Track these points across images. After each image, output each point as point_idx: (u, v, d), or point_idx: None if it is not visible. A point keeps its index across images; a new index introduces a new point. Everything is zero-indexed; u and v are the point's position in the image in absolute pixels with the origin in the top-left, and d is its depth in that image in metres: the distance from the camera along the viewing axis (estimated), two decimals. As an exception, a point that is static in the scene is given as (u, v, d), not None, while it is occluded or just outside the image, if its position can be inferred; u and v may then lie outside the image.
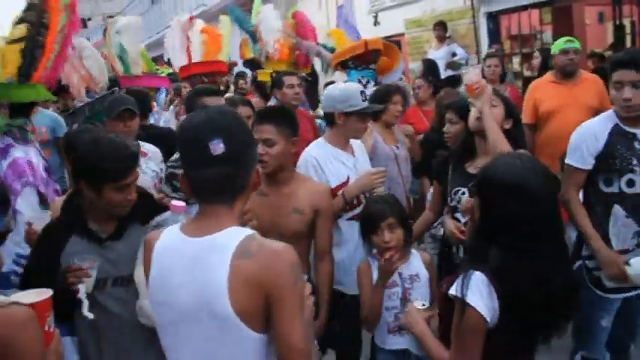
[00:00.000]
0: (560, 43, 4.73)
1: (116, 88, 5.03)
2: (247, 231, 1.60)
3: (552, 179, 1.91)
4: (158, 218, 2.26)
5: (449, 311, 1.92)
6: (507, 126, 2.81)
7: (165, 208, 2.37)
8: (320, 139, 3.34)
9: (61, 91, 6.08)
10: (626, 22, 7.56)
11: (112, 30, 6.20)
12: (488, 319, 1.79)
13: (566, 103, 4.50)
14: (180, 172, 3.11)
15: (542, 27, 8.88)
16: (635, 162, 2.77)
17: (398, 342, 2.68)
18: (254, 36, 6.70)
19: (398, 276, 2.69)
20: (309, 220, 2.73)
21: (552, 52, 4.84)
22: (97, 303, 2.21)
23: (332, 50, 6.34)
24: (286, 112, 2.85)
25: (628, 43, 7.79)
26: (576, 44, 4.70)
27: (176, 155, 3.27)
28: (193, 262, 1.57)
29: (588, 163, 2.82)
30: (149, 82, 6.46)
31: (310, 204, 2.72)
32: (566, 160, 2.89)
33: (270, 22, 6.51)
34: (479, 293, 1.78)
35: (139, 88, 5.23)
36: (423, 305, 2.34)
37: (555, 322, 1.90)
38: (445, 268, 3.01)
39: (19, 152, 3.27)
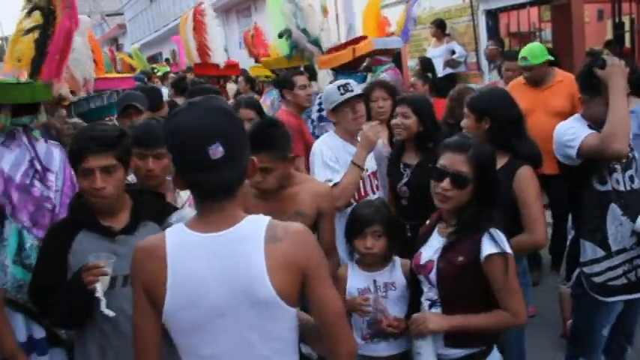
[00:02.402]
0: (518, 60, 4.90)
1: (109, 91, 4.95)
2: (264, 217, 1.68)
3: None
4: (177, 216, 2.21)
5: (468, 283, 2.25)
6: (486, 126, 2.83)
7: (175, 207, 2.40)
8: (331, 132, 3.51)
9: None
10: (626, 19, 7.54)
11: None
12: None
13: (534, 107, 4.57)
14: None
15: (542, 24, 8.86)
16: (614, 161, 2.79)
17: (371, 349, 2.70)
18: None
19: (372, 283, 2.70)
20: (312, 221, 2.75)
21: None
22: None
23: (315, 41, 6.17)
24: (278, 130, 2.74)
25: (627, 41, 7.78)
26: (533, 60, 4.73)
27: None
28: (222, 256, 1.59)
29: None
30: (110, 85, 6.36)
31: (313, 205, 2.75)
32: (579, 143, 2.75)
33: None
34: (507, 244, 2.22)
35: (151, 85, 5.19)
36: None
37: None
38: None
39: None
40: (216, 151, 1.54)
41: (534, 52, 4.79)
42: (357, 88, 3.35)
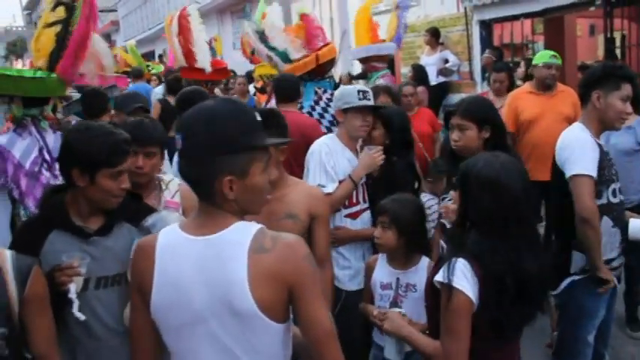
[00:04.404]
0: (545, 56, 4.88)
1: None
2: (255, 225, 1.60)
3: (525, 177, 2.06)
4: (152, 218, 2.19)
5: (432, 304, 2.06)
6: (486, 135, 2.83)
7: (152, 209, 2.33)
8: (331, 134, 3.49)
9: None
10: (617, 35, 7.62)
11: None
12: (474, 301, 1.92)
13: (545, 112, 4.72)
14: None
15: (534, 37, 8.96)
16: (613, 171, 2.84)
17: (382, 340, 2.70)
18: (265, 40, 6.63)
19: (395, 280, 2.71)
20: (304, 225, 2.66)
21: (535, 62, 4.97)
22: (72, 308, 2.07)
23: (283, 55, 6.26)
24: (278, 118, 2.71)
25: (618, 56, 7.87)
26: (559, 60, 4.85)
27: None
28: (205, 261, 1.56)
29: (596, 173, 2.78)
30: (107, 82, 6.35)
31: (306, 209, 2.66)
32: (579, 171, 2.76)
33: (276, 22, 6.44)
34: (463, 277, 1.92)
35: (97, 88, 5.08)
36: (404, 315, 2.40)
37: (529, 307, 2.02)
38: None
39: (1, 139, 3.26)
40: (178, 141, 1.58)
41: (556, 55, 4.93)
42: (372, 99, 3.34)
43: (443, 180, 3.53)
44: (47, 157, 3.18)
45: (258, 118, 1.63)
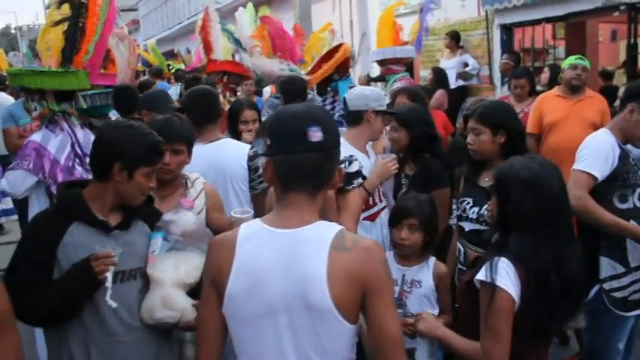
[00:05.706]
0: (571, 59, 4.90)
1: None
2: (337, 225, 1.65)
3: (560, 176, 2.09)
4: (168, 215, 2.25)
5: (469, 305, 2.07)
6: (502, 140, 2.83)
7: (160, 213, 2.37)
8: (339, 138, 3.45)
9: None
10: (640, 41, 7.54)
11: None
12: (516, 300, 1.93)
13: (569, 117, 4.69)
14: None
15: (555, 42, 8.87)
16: (637, 177, 2.85)
17: None
18: (241, 44, 6.70)
19: (401, 277, 2.75)
20: None
21: (563, 66, 4.99)
22: (90, 301, 2.11)
23: (292, 70, 6.27)
24: None
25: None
26: (586, 62, 4.84)
27: None
28: (286, 254, 1.59)
29: (604, 176, 2.81)
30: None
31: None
32: (587, 169, 2.82)
33: (244, 28, 6.49)
34: (507, 276, 1.93)
35: (128, 84, 5.09)
36: (437, 316, 2.42)
37: (570, 306, 2.03)
38: None
39: (36, 136, 3.36)
40: (315, 134, 1.60)
41: (582, 57, 4.91)
42: None
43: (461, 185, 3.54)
44: (79, 151, 3.27)
45: None
